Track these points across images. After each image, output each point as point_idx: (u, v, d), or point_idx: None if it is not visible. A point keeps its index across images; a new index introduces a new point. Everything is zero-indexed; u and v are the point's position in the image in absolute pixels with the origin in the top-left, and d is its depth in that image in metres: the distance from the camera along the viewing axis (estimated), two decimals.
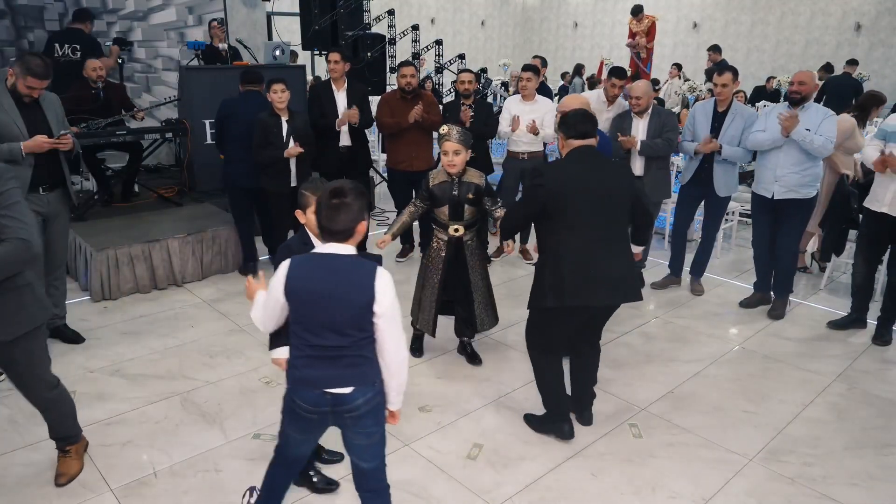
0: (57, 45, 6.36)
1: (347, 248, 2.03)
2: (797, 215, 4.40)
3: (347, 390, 2.04)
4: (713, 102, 4.65)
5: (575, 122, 2.95)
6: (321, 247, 2.07)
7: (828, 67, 11.35)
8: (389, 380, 2.11)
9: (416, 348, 3.96)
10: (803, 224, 4.55)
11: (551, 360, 3.09)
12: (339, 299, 1.98)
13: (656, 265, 5.50)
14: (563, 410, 3.13)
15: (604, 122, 4.94)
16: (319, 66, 12.12)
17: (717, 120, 4.58)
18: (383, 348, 2.06)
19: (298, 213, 2.46)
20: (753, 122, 4.46)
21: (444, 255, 3.68)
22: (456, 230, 3.62)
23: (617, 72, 5.11)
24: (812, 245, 5.28)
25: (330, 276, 2.00)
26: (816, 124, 4.16)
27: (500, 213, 3.58)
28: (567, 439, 3.09)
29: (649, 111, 4.56)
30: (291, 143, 4.63)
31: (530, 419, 3.25)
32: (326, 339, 2.01)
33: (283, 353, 2.35)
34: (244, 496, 2.65)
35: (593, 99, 5.19)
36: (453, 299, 3.79)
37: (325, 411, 2.08)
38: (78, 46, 6.39)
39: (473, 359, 3.88)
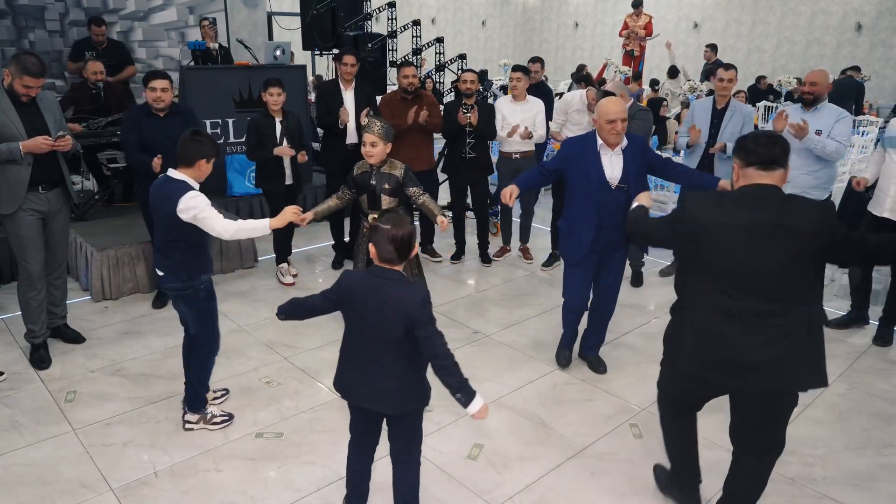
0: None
1: (181, 175, 2.83)
2: None
3: (161, 274, 2.97)
4: (712, 100, 4.74)
5: (756, 145, 2.18)
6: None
7: (844, 72, 10.86)
8: (247, 238, 3.00)
9: None
10: None
11: (683, 424, 2.60)
12: (161, 206, 2.83)
13: (662, 255, 5.50)
14: (691, 471, 2.65)
15: (586, 125, 5.22)
16: (320, 66, 12.11)
17: (717, 117, 4.66)
18: (212, 233, 2.81)
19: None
20: (752, 119, 4.56)
21: (366, 239, 3.86)
22: (374, 219, 3.74)
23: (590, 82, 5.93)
24: None
25: (162, 190, 2.84)
26: (829, 126, 4.10)
27: (423, 199, 3.70)
28: None
29: None
30: (285, 143, 4.70)
31: (659, 472, 2.82)
32: (156, 234, 2.98)
33: None
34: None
35: (576, 100, 5.42)
36: None
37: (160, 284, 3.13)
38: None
39: None
